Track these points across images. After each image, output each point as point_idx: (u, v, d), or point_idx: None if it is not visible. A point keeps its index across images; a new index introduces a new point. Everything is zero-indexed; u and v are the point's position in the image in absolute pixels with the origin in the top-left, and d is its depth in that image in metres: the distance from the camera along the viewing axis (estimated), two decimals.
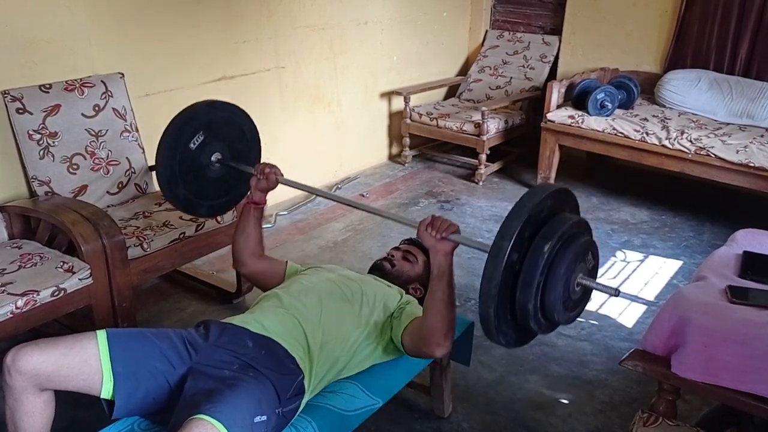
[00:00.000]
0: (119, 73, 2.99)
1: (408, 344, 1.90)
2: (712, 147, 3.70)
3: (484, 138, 4.47)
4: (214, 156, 2.23)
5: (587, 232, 1.57)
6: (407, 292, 2.18)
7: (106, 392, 1.65)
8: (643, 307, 3.11)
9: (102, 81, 2.90)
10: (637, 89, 4.34)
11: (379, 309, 2.00)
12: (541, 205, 1.46)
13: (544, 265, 1.43)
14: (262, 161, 2.29)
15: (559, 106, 4.35)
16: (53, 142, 2.71)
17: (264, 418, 1.59)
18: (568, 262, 1.46)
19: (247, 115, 2.34)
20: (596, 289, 1.54)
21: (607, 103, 4.12)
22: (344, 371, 1.92)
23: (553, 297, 1.46)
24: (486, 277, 1.42)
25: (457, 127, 4.61)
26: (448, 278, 1.75)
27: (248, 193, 2.19)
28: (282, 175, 2.16)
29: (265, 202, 2.21)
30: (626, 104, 4.30)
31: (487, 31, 5.49)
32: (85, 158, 2.81)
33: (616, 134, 4.03)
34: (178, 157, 2.14)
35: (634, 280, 3.36)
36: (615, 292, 1.51)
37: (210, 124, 2.21)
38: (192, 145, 2.16)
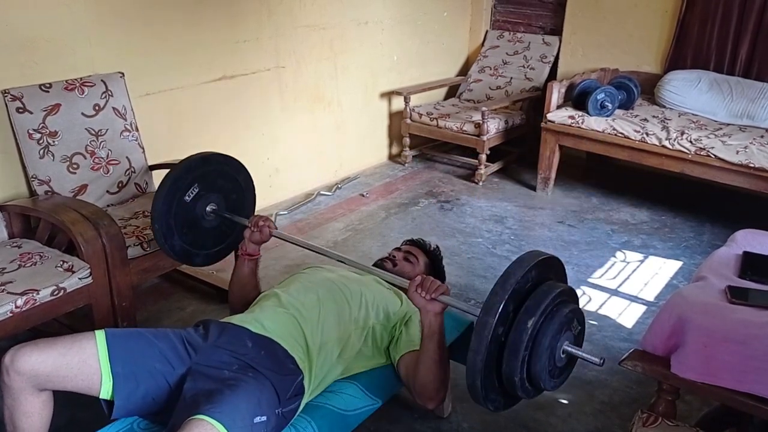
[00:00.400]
0: (119, 72, 2.99)
1: (403, 378, 1.93)
2: (712, 147, 3.70)
3: (484, 138, 4.47)
4: (209, 207, 2.31)
5: (572, 300, 1.61)
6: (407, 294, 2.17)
7: (105, 392, 1.65)
8: (643, 308, 3.11)
9: (102, 80, 2.90)
10: (637, 90, 4.34)
11: (380, 312, 2.00)
12: (525, 277, 1.51)
13: (528, 339, 1.48)
14: (256, 212, 2.35)
15: (559, 107, 4.35)
16: (53, 142, 2.71)
17: (264, 418, 1.59)
18: (552, 335, 1.51)
19: (242, 166, 2.42)
20: (581, 358, 1.58)
21: (607, 104, 4.12)
22: (344, 372, 1.92)
23: (538, 368, 1.51)
24: (472, 350, 1.47)
25: (457, 127, 4.61)
26: (438, 338, 1.77)
27: (242, 242, 2.21)
28: (276, 227, 2.19)
29: (259, 254, 2.22)
30: (626, 105, 4.29)
31: (487, 31, 5.49)
32: (85, 158, 2.81)
33: (616, 134, 4.03)
34: (173, 210, 2.22)
35: (633, 281, 3.36)
36: (600, 362, 1.55)
37: (205, 176, 2.28)
38: (187, 198, 2.24)
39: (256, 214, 2.32)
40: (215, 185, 2.32)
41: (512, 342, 1.49)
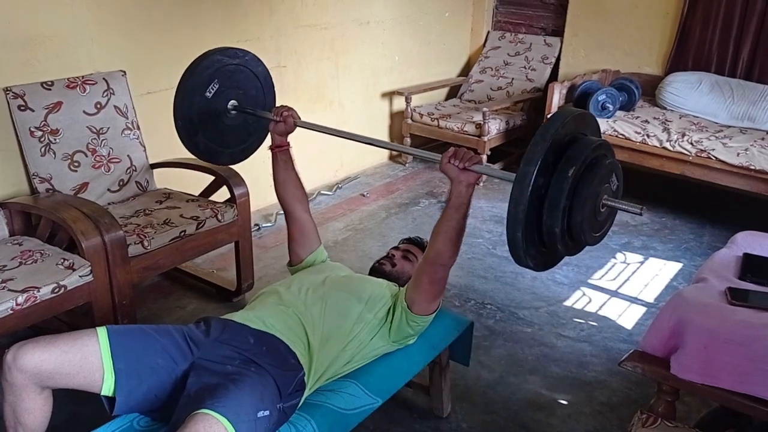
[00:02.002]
0: (121, 70, 3.00)
1: (412, 292, 1.93)
2: (713, 149, 3.70)
3: (485, 139, 4.47)
4: (230, 103, 2.24)
5: (610, 154, 1.58)
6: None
7: (107, 389, 1.64)
8: (643, 309, 3.11)
9: (104, 78, 2.90)
10: (638, 91, 4.34)
11: (381, 307, 2.00)
12: (565, 129, 1.48)
13: (569, 188, 1.45)
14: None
15: (560, 107, 4.35)
16: (55, 140, 2.71)
17: (267, 412, 1.59)
18: (592, 185, 1.48)
19: (260, 61, 2.35)
20: (621, 209, 1.56)
21: (608, 105, 4.12)
22: (345, 367, 1.92)
23: (579, 219, 1.48)
24: (513, 201, 1.44)
25: (458, 128, 4.61)
26: (465, 209, 1.77)
27: (266, 139, 2.19)
28: (299, 117, 2.17)
29: (288, 144, 2.22)
30: (627, 106, 4.30)
31: (488, 32, 5.49)
32: (87, 156, 2.81)
33: (617, 136, 4.03)
34: (195, 107, 2.16)
35: (633, 282, 3.36)
36: (640, 211, 1.52)
37: (223, 71, 2.22)
38: (208, 94, 2.17)
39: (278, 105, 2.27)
40: (235, 81, 2.25)
41: (553, 192, 1.46)
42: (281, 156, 2.21)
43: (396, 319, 1.97)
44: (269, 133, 2.22)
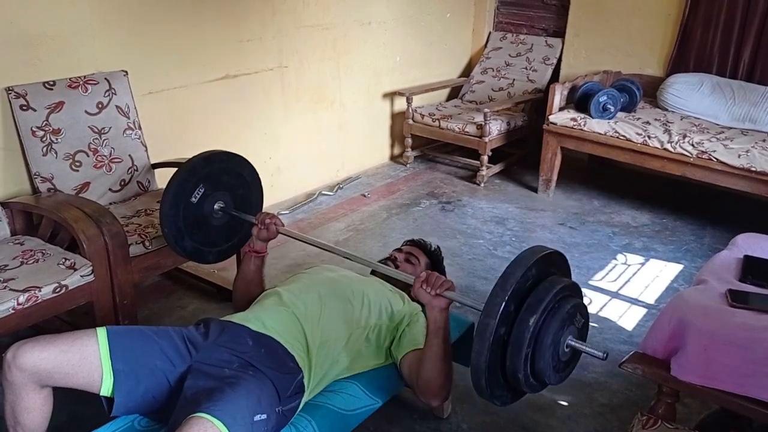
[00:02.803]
0: (123, 70, 3.00)
1: (406, 377, 1.93)
2: (714, 151, 3.70)
3: (486, 139, 4.47)
4: (216, 205, 2.33)
5: (575, 294, 1.61)
6: (409, 294, 2.18)
7: (106, 389, 1.65)
8: (643, 311, 3.11)
9: (105, 78, 2.90)
10: (639, 92, 4.34)
11: (381, 312, 2.00)
12: (525, 276, 1.51)
13: (530, 337, 1.49)
14: (263, 211, 2.35)
15: (561, 109, 4.35)
16: (56, 139, 2.72)
17: (264, 416, 1.59)
18: (555, 331, 1.52)
19: (246, 161, 2.44)
20: (584, 352, 1.60)
21: (609, 106, 4.12)
22: (344, 372, 1.92)
23: (542, 364, 1.53)
24: (475, 352, 1.48)
25: (459, 129, 4.61)
26: (444, 334, 1.77)
27: (249, 240, 2.24)
28: (283, 224, 2.21)
29: (266, 252, 2.24)
30: (628, 107, 4.30)
31: (490, 33, 5.49)
32: (88, 155, 2.82)
33: (618, 137, 4.03)
34: (181, 213, 2.24)
35: (634, 283, 3.36)
36: (603, 356, 1.58)
37: (209, 175, 2.30)
38: (194, 199, 2.26)
39: (263, 211, 2.32)
40: (221, 183, 2.33)
41: (515, 340, 1.50)
42: (256, 261, 2.21)
43: (392, 356, 2.00)
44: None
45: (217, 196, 2.33)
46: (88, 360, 1.62)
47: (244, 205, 2.40)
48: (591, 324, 2.95)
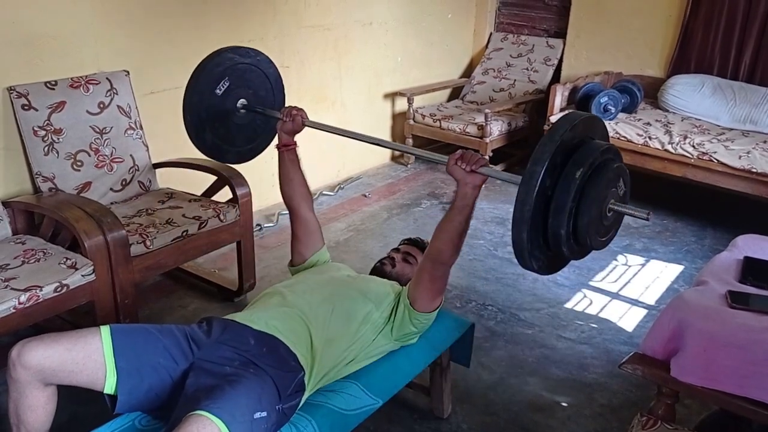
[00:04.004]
0: (124, 70, 3.01)
1: (414, 290, 1.94)
2: (715, 152, 3.70)
3: (487, 140, 4.48)
4: (239, 102, 2.25)
5: (618, 159, 1.58)
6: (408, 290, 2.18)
7: (110, 387, 1.65)
8: (644, 311, 3.12)
9: (107, 78, 2.91)
10: (640, 93, 4.34)
11: (385, 308, 2.01)
12: (573, 132, 1.48)
13: (576, 190, 1.45)
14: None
15: (562, 109, 4.35)
16: (58, 139, 2.72)
17: (264, 414, 1.60)
18: (599, 188, 1.48)
19: (271, 62, 2.36)
20: (627, 213, 1.55)
21: (610, 107, 4.12)
22: (348, 366, 1.93)
23: (585, 222, 1.47)
24: (519, 201, 1.44)
25: (460, 129, 4.62)
26: (469, 211, 1.78)
27: (273, 140, 2.21)
28: (307, 117, 2.18)
29: (295, 144, 2.23)
30: (629, 108, 4.30)
31: (491, 34, 5.50)
32: (90, 155, 2.82)
33: (618, 138, 4.04)
34: (204, 103, 2.17)
35: (634, 284, 3.37)
36: (646, 216, 1.52)
37: (234, 70, 2.22)
38: (218, 91, 2.18)
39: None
40: (245, 80, 2.26)
41: (559, 194, 1.46)
42: (288, 155, 2.23)
43: (398, 316, 1.98)
44: (277, 133, 2.22)
45: (241, 93, 2.25)
46: (91, 358, 1.63)
47: (267, 106, 2.33)
48: (591, 324, 2.98)
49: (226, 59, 2.20)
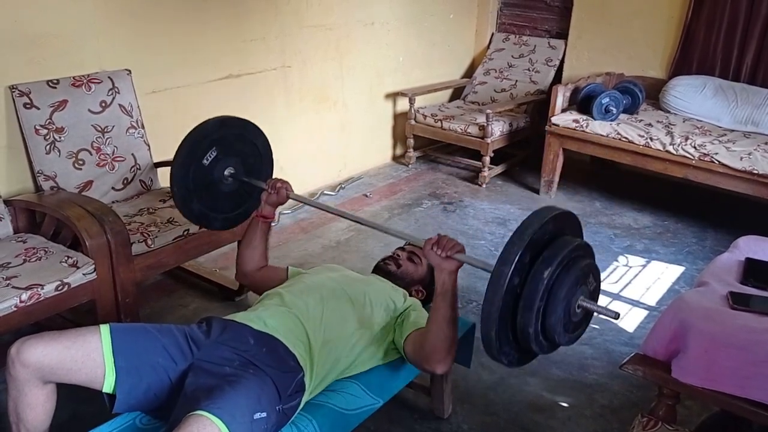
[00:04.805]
0: (126, 69, 3.01)
1: (410, 354, 1.92)
2: (716, 153, 3.70)
3: (489, 140, 4.48)
4: (227, 171, 2.28)
5: (588, 256, 1.59)
6: (410, 294, 2.19)
7: (108, 386, 1.66)
8: (645, 312, 3.11)
9: (109, 77, 2.91)
10: (642, 94, 4.34)
11: (383, 310, 2.01)
12: (543, 229, 1.49)
13: (544, 290, 1.46)
14: (273, 175, 2.33)
15: (563, 110, 4.35)
16: (60, 138, 2.72)
17: (264, 414, 1.60)
18: (568, 287, 1.49)
19: (260, 131, 2.40)
20: (596, 311, 1.56)
21: (611, 108, 4.12)
22: (346, 371, 1.93)
23: (553, 320, 1.49)
24: (487, 300, 1.45)
25: (461, 129, 4.62)
26: (451, 297, 1.77)
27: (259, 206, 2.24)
28: (292, 190, 2.20)
29: (274, 217, 2.25)
30: (631, 109, 4.30)
31: (493, 34, 5.50)
32: (91, 154, 2.82)
33: (620, 139, 4.03)
34: (191, 174, 2.20)
35: (635, 285, 3.37)
36: (615, 315, 1.54)
37: (222, 140, 2.26)
38: (205, 161, 2.22)
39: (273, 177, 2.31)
40: (233, 149, 2.29)
41: (528, 292, 1.47)
42: (262, 225, 2.23)
43: (394, 344, 1.99)
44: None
45: (229, 161, 2.28)
46: (90, 357, 1.63)
47: (254, 175, 2.35)
48: (592, 325, 2.96)
49: (213, 131, 2.24)
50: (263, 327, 1.83)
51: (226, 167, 2.28)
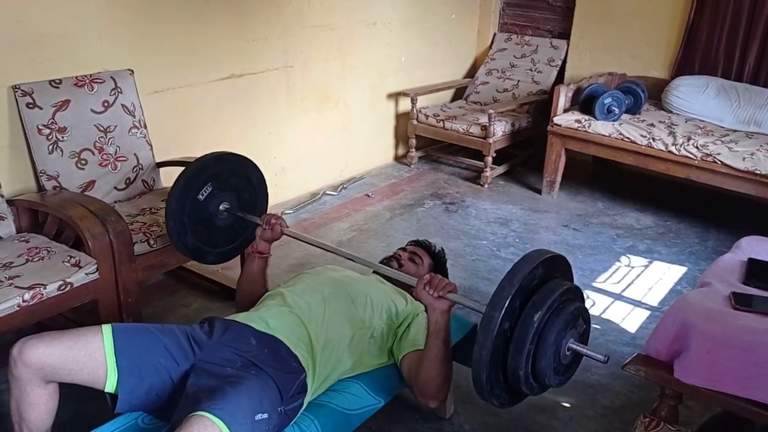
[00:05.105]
0: (129, 69, 3.01)
1: (405, 377, 1.94)
2: (719, 154, 3.69)
3: (491, 140, 4.48)
4: (222, 206, 2.34)
5: (578, 299, 1.62)
6: (410, 294, 2.18)
7: (110, 386, 1.66)
8: (647, 313, 3.11)
9: (111, 77, 2.91)
10: (644, 94, 4.34)
11: (384, 312, 2.01)
12: (532, 273, 1.52)
13: (534, 334, 1.49)
14: (267, 212, 2.37)
15: (566, 110, 4.35)
16: (62, 137, 2.73)
17: (265, 415, 1.60)
18: (558, 330, 1.52)
19: (255, 166, 2.46)
20: (586, 355, 1.60)
21: (614, 108, 4.11)
22: (348, 371, 1.93)
23: (543, 364, 1.52)
24: (478, 344, 1.48)
25: (463, 129, 4.61)
26: (444, 335, 1.78)
27: (254, 241, 2.25)
28: (287, 226, 2.22)
29: (269, 252, 2.25)
30: (633, 109, 4.29)
31: (495, 34, 5.49)
32: (94, 154, 2.83)
33: (622, 139, 4.03)
34: (186, 209, 2.25)
35: (637, 286, 3.36)
36: (604, 359, 1.57)
37: (218, 175, 2.31)
38: (200, 197, 2.27)
39: (268, 212, 2.34)
40: (228, 184, 2.35)
41: (518, 336, 1.50)
42: (259, 261, 2.23)
43: (393, 355, 2.00)
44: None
45: (224, 197, 2.34)
46: (92, 356, 1.63)
47: (249, 209, 2.42)
48: (594, 326, 2.97)
49: (209, 166, 2.29)
50: (265, 328, 1.83)
51: (222, 202, 2.34)
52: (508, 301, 1.47)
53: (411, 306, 2.09)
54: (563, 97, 4.30)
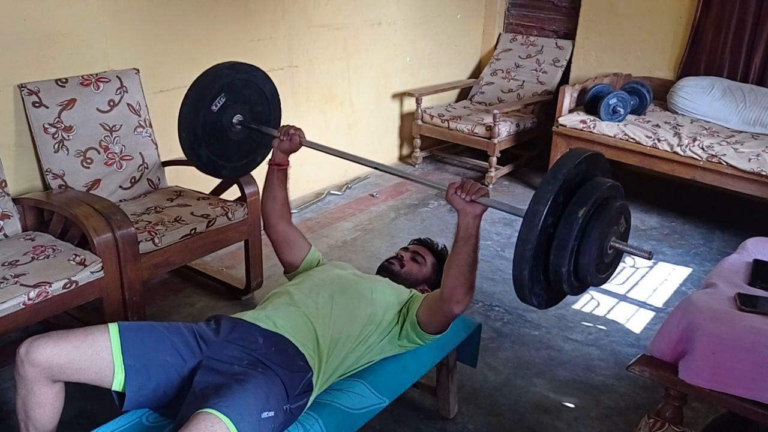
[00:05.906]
0: (134, 68, 3.02)
1: (424, 316, 1.93)
2: (724, 155, 3.68)
3: (496, 141, 4.47)
4: (235, 118, 2.25)
5: (620, 196, 1.59)
6: (416, 291, 2.19)
7: (117, 384, 1.66)
8: (651, 314, 3.11)
9: (117, 76, 2.92)
10: (649, 95, 4.33)
11: (390, 307, 2.01)
12: (576, 169, 1.48)
13: (578, 229, 1.46)
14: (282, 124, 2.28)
15: (571, 111, 4.34)
16: (68, 136, 2.74)
17: (271, 413, 1.60)
18: (601, 227, 1.48)
19: (269, 78, 2.35)
20: (629, 252, 1.56)
21: (619, 109, 4.11)
22: (352, 366, 1.93)
23: (586, 260, 1.48)
24: (521, 239, 1.45)
25: (468, 130, 4.61)
26: (474, 241, 1.75)
27: (269, 155, 2.21)
28: (305, 137, 2.16)
29: (288, 164, 2.21)
30: (638, 110, 4.29)
31: (500, 34, 5.49)
32: (99, 153, 2.84)
33: (627, 140, 4.03)
34: (200, 120, 2.16)
35: (642, 287, 3.36)
36: (648, 255, 1.53)
37: (231, 86, 2.21)
38: (214, 107, 2.17)
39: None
40: (241, 96, 2.26)
41: (562, 232, 1.47)
42: (278, 173, 2.20)
43: (405, 328, 1.98)
44: (272, 150, 2.21)
45: (237, 108, 2.24)
46: (100, 355, 1.64)
47: (262, 123, 2.32)
48: (598, 326, 2.97)
49: (222, 75, 2.19)
50: (273, 326, 1.83)
51: (235, 114, 2.24)
52: (552, 195, 1.42)
53: (416, 294, 2.09)
54: (568, 98, 4.30)
